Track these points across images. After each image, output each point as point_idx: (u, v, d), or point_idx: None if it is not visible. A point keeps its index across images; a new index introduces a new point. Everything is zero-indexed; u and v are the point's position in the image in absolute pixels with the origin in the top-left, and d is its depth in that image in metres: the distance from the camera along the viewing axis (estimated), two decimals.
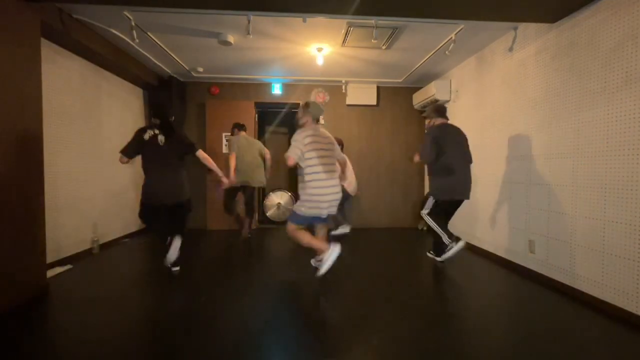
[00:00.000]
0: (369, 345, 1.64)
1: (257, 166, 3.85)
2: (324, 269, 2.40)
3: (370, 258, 3.30)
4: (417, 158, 2.88)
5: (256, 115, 4.94)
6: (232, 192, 3.79)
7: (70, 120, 3.06)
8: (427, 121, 2.99)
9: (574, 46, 2.30)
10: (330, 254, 2.38)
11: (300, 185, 2.50)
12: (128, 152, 2.45)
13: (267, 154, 3.99)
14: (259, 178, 3.87)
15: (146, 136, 2.47)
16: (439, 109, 2.89)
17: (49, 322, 1.92)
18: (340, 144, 3.78)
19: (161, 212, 2.58)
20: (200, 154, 2.64)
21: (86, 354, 1.56)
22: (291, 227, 2.53)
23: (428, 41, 3.25)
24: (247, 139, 3.90)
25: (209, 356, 1.53)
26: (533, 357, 1.54)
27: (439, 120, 2.85)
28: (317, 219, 2.55)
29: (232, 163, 3.66)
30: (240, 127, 3.98)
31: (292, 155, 2.37)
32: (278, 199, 5.18)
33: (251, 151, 3.83)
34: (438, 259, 2.90)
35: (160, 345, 1.64)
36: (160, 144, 2.49)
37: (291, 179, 5.92)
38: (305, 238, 2.48)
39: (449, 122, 2.87)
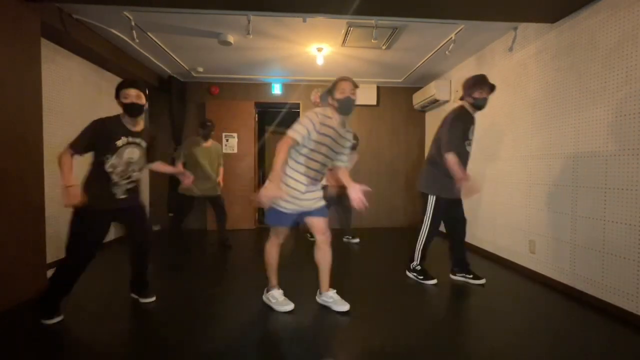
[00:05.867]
0: (368, 347, 1.64)
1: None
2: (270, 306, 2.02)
3: (370, 259, 3.30)
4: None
5: (256, 115, 4.94)
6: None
7: (70, 120, 3.06)
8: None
9: (574, 46, 2.30)
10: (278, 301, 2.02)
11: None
12: None
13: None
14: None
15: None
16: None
17: None
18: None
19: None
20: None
21: (86, 354, 1.56)
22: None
23: (428, 41, 3.24)
24: None
25: (208, 356, 1.53)
26: (532, 356, 1.54)
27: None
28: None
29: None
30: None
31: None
32: None
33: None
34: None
35: (159, 345, 1.64)
36: None
37: None
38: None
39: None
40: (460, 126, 2.30)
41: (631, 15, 1.91)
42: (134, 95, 1.87)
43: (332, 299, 2.04)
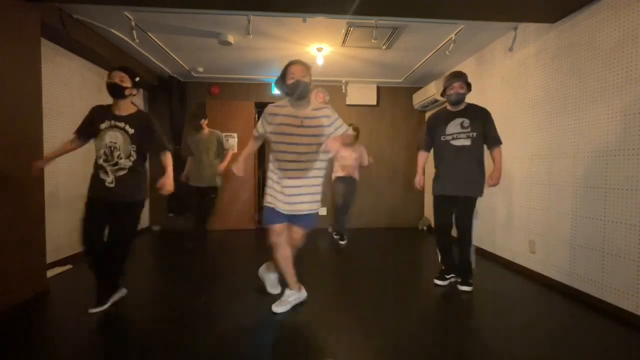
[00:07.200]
0: (368, 346, 1.64)
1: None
2: (280, 308, 1.97)
3: (371, 259, 3.30)
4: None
5: (256, 115, 4.93)
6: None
7: (70, 120, 3.06)
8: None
9: (574, 46, 2.30)
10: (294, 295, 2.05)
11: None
12: None
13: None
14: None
15: None
16: None
17: (49, 322, 1.92)
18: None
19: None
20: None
21: (86, 354, 1.57)
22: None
23: (428, 41, 3.24)
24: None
25: (208, 355, 1.53)
26: (532, 356, 1.55)
27: None
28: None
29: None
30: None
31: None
32: None
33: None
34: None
35: (159, 345, 1.64)
36: None
37: None
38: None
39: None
40: (425, 128, 2.51)
41: (631, 15, 1.91)
42: (117, 77, 1.92)
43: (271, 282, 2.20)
